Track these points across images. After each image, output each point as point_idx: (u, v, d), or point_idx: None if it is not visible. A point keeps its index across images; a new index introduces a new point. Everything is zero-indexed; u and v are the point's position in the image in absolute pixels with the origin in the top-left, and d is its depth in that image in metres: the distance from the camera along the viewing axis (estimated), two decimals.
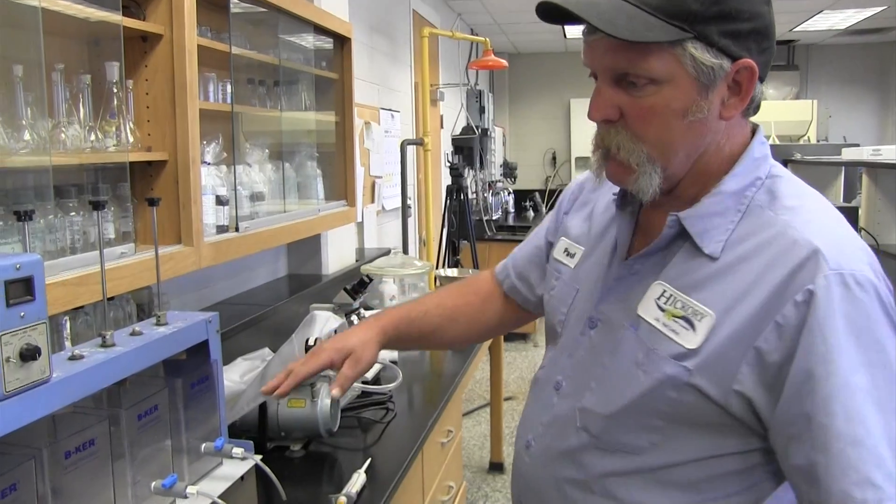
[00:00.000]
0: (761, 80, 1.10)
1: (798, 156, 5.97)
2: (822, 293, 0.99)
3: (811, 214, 1.09)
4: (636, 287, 1.18)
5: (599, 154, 1.16)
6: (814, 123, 8.67)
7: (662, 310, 1.12)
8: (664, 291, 1.13)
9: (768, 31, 1.09)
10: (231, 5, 2.31)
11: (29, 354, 1.07)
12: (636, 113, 1.08)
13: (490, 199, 7.79)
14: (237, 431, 1.92)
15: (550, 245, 1.51)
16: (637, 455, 1.15)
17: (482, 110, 7.46)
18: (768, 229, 1.07)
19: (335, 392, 1.40)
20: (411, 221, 5.28)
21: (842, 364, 0.97)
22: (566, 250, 1.40)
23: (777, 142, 7.92)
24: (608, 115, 1.10)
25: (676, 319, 1.10)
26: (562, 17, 1.06)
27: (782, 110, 8.64)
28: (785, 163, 5.89)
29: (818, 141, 8.70)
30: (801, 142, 8.40)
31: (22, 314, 1.07)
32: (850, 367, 0.97)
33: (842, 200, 5.68)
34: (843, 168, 5.66)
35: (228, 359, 2.37)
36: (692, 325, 1.08)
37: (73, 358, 1.24)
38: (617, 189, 1.28)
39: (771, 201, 1.11)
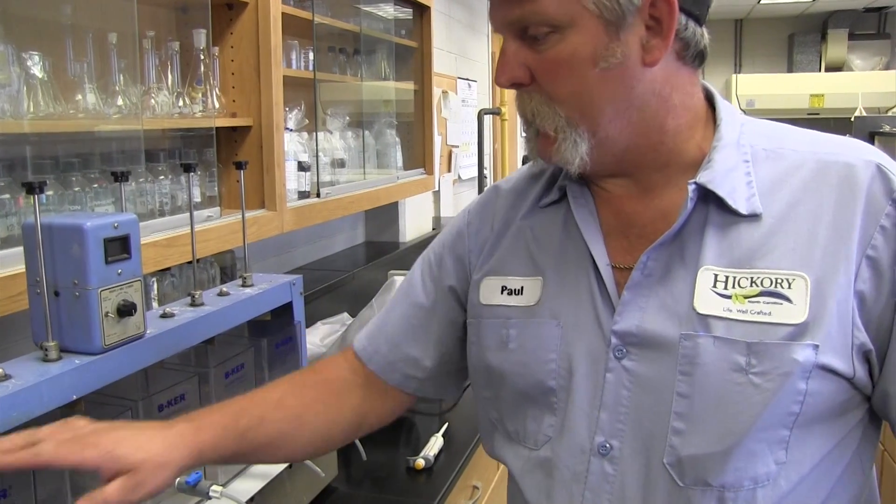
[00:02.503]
0: (697, 19, 0.95)
1: (887, 128, 5.75)
2: None
3: (827, 137, 1.00)
4: (669, 286, 0.96)
5: (532, 132, 1.00)
6: None
7: (726, 296, 0.92)
8: (716, 276, 0.93)
9: None
10: None
11: (126, 310, 1.11)
12: (544, 69, 0.94)
13: None
14: None
15: (451, 295, 1.19)
16: (766, 486, 0.92)
17: None
18: (801, 167, 0.96)
19: None
20: None
21: None
22: (504, 288, 1.08)
23: (864, 113, 7.65)
24: (515, 77, 0.95)
25: (754, 300, 0.91)
26: None
27: (870, 81, 8.34)
28: (872, 136, 5.70)
29: None
30: (891, 113, 8.10)
31: (119, 271, 1.11)
32: None
33: None
34: None
35: (308, 323, 2.42)
36: (783, 297, 0.90)
37: (164, 316, 1.28)
38: (535, 193, 1.12)
39: (772, 141, 1.00)
